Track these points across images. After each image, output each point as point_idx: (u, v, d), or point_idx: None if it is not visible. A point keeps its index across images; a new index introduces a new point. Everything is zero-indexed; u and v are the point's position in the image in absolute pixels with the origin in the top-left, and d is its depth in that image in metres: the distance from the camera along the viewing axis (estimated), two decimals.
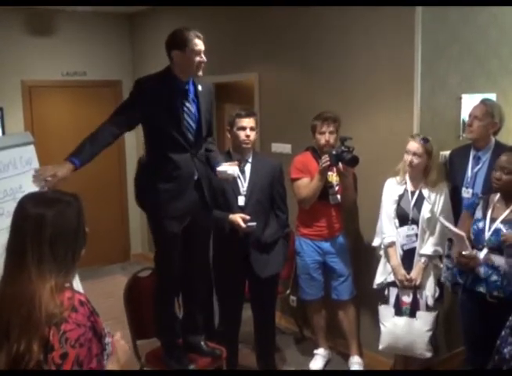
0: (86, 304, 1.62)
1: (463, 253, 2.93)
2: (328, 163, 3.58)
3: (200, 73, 2.93)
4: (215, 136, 4.10)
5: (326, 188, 3.79)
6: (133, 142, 6.76)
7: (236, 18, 5.07)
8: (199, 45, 2.87)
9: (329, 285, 4.03)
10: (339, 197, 3.85)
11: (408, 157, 3.45)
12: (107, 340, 1.72)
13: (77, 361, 1.55)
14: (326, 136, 3.77)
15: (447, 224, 3.10)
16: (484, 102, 3.57)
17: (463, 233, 2.96)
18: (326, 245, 3.93)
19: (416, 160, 3.43)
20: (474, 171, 3.53)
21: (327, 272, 4.01)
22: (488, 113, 3.48)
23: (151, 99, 2.85)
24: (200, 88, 3.01)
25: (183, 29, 2.90)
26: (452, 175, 3.67)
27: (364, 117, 3.99)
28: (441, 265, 3.39)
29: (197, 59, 2.87)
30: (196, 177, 2.99)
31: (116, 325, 3.25)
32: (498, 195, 3.03)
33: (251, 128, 3.45)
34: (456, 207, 3.48)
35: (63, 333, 1.53)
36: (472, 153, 3.57)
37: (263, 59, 4.83)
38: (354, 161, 3.54)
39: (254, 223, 3.35)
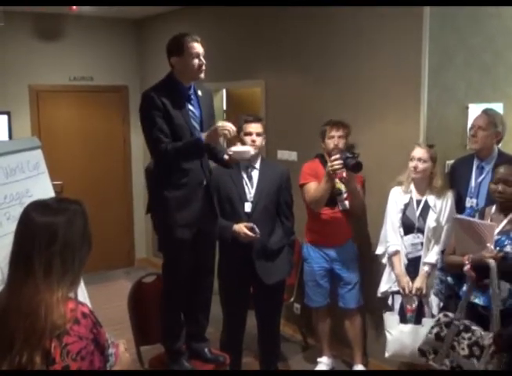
0: (89, 315, 1.60)
1: (490, 246, 2.79)
2: (340, 166, 3.52)
3: (202, 75, 2.94)
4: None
5: (334, 195, 3.78)
6: (139, 148, 6.78)
7: (243, 25, 5.08)
8: (196, 48, 2.88)
9: (337, 293, 4.00)
10: (347, 203, 3.83)
11: (413, 163, 3.45)
12: (110, 351, 1.70)
13: None
14: (334, 140, 3.76)
15: (468, 218, 3.03)
16: (486, 112, 3.57)
17: (493, 223, 2.88)
18: (334, 252, 3.91)
19: (421, 166, 3.43)
20: (478, 181, 3.51)
21: (334, 280, 3.99)
22: (492, 123, 3.48)
23: (161, 107, 2.85)
24: (199, 93, 3.03)
25: (179, 35, 2.92)
26: (455, 185, 3.66)
27: (371, 125, 3.98)
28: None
29: (196, 62, 2.88)
30: (204, 182, 2.99)
31: (119, 330, 3.26)
32: (494, 207, 3.00)
33: (257, 134, 3.47)
34: None
35: (64, 346, 1.51)
36: (475, 163, 3.55)
37: (269, 66, 4.84)
38: (356, 167, 3.52)
39: (258, 232, 3.35)
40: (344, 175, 3.66)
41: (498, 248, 2.81)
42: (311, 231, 3.98)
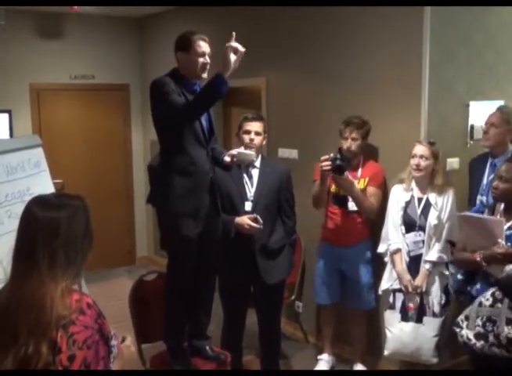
0: (93, 306, 1.63)
1: (501, 242, 2.76)
2: (328, 168, 3.47)
3: (205, 75, 2.95)
4: (221, 142, 4.10)
5: (345, 195, 3.75)
6: (140, 146, 6.78)
7: (244, 23, 5.08)
8: (203, 47, 2.92)
9: (346, 293, 3.96)
10: (352, 204, 3.75)
11: (414, 161, 3.45)
12: (113, 342, 1.72)
13: (85, 363, 1.55)
14: (347, 142, 3.70)
15: (475, 214, 3.01)
16: (500, 109, 3.59)
17: (501, 218, 2.86)
18: (345, 252, 3.84)
19: (423, 163, 3.43)
20: (490, 178, 3.49)
21: (344, 280, 3.95)
22: (505, 121, 3.49)
23: (175, 90, 2.85)
24: None
25: (188, 32, 2.97)
26: (470, 183, 3.66)
27: (372, 123, 3.97)
28: (447, 272, 3.37)
29: (201, 60, 2.91)
30: (210, 174, 3.00)
31: (121, 328, 3.25)
32: (503, 205, 2.99)
33: (256, 133, 3.42)
34: None
35: (70, 335, 1.53)
36: (489, 161, 3.56)
37: (270, 64, 4.84)
38: (338, 170, 3.46)
39: (261, 222, 3.32)
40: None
41: (510, 244, 2.79)
42: (324, 229, 3.96)
